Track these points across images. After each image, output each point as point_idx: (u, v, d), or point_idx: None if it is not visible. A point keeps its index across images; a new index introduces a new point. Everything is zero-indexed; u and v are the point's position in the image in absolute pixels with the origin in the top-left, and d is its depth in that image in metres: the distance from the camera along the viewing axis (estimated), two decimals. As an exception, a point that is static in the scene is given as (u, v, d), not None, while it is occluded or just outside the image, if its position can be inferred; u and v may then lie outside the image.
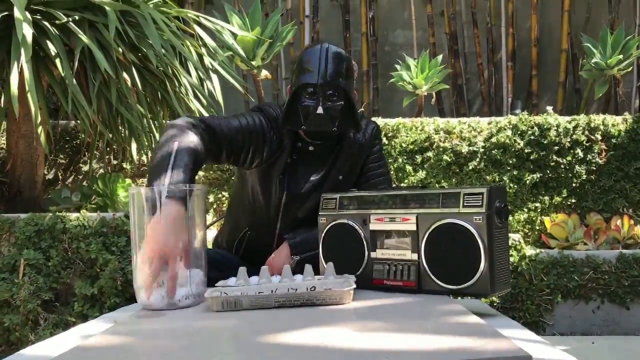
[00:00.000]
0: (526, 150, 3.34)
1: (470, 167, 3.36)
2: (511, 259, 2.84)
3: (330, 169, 1.87)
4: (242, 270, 1.40)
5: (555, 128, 3.35)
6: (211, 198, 3.41)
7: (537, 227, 3.33)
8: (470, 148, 3.37)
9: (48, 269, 2.50)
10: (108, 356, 0.92)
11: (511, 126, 3.38)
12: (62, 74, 2.39)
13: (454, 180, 3.38)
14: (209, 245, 2.20)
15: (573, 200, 3.36)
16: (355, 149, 1.90)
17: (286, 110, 1.75)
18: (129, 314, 1.31)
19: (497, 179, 3.35)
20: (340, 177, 1.88)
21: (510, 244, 2.84)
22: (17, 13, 2.26)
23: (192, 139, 1.54)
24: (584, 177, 3.35)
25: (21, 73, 2.31)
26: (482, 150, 3.37)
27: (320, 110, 1.71)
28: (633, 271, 2.81)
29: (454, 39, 4.70)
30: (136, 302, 1.41)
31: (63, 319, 2.49)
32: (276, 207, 1.83)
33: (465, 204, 1.33)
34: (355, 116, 1.80)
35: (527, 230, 3.34)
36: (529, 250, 2.91)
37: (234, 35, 3.47)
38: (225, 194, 3.42)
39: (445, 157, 3.36)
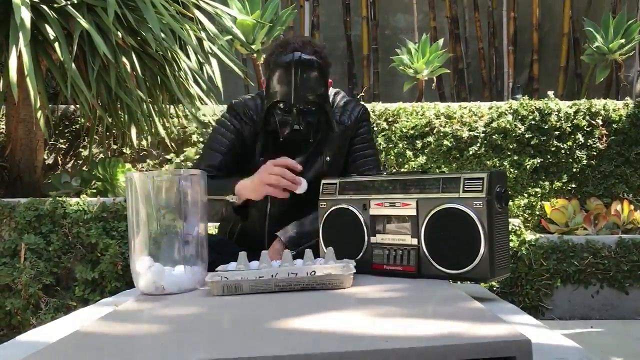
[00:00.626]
0: (527, 135, 3.33)
1: (471, 152, 3.35)
2: (511, 244, 2.85)
3: (315, 153, 1.88)
4: (243, 254, 1.40)
5: (556, 113, 3.34)
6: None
7: (537, 212, 3.34)
8: (471, 133, 3.36)
9: (49, 254, 2.51)
10: (108, 341, 0.92)
11: (512, 111, 3.37)
12: (61, 58, 2.38)
13: (454, 165, 3.37)
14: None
15: (573, 186, 3.36)
16: (340, 131, 1.91)
17: (265, 118, 1.82)
18: (129, 299, 1.32)
19: (497, 164, 3.34)
20: (328, 158, 1.90)
21: (510, 229, 2.84)
22: (15, -4, 2.25)
23: None
24: (585, 162, 3.35)
25: (20, 57, 2.30)
26: (482, 135, 3.36)
27: (296, 126, 1.76)
28: (632, 256, 2.82)
29: (455, 22, 4.67)
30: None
31: (64, 303, 2.51)
32: None
33: (465, 189, 1.32)
34: (329, 122, 1.85)
35: (527, 215, 3.34)
36: (529, 235, 2.91)
37: (234, 19, 3.45)
38: (226, 178, 3.42)
39: (445, 142, 3.36)
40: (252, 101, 1.91)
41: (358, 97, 4.13)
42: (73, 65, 2.42)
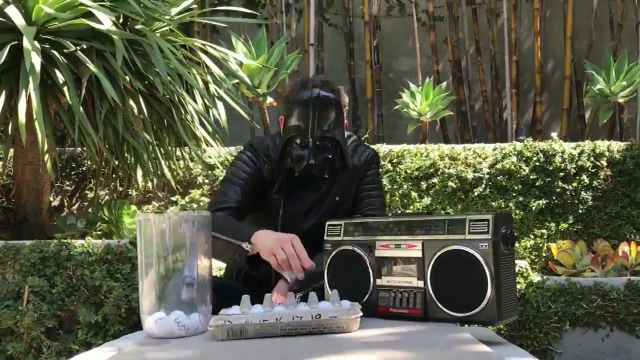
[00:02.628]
0: (531, 177, 3.33)
1: (476, 194, 3.35)
2: (518, 286, 2.81)
3: (327, 192, 1.93)
4: (245, 298, 1.39)
5: (561, 154, 3.35)
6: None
7: (544, 254, 3.31)
8: (476, 174, 3.37)
9: (52, 296, 2.49)
10: (111, 385, 0.91)
11: (516, 152, 3.39)
12: (70, 102, 2.41)
13: (459, 206, 3.37)
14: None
15: (579, 227, 3.34)
16: (350, 172, 1.96)
17: (280, 153, 1.85)
18: (132, 342, 1.30)
19: (502, 205, 3.33)
20: (337, 198, 1.94)
21: (516, 271, 2.82)
22: (26, 43, 2.29)
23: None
24: (590, 203, 3.34)
25: (29, 101, 2.33)
26: (487, 176, 3.36)
27: (312, 161, 1.79)
28: (642, 298, 2.77)
29: (458, 66, 4.74)
30: (140, 329, 1.40)
31: (67, 346, 2.48)
32: (274, 228, 1.84)
33: (471, 231, 1.32)
34: (344, 159, 1.88)
35: (533, 257, 3.31)
36: (536, 277, 2.88)
37: (240, 63, 3.51)
38: (230, 220, 3.41)
39: (450, 183, 3.36)
40: (270, 140, 1.95)
41: (362, 139, 4.16)
42: (81, 108, 2.45)
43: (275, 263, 1.58)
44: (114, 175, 3.45)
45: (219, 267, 2.60)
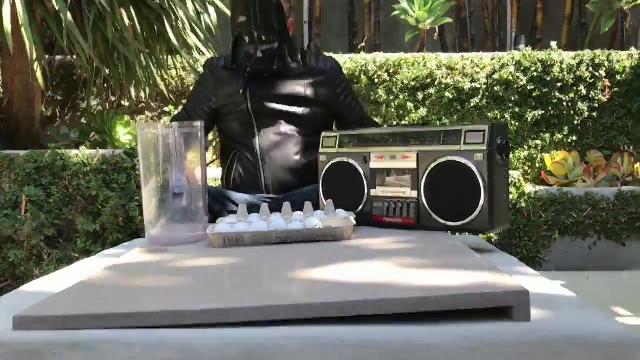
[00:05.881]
0: (529, 87, 3.30)
1: (472, 104, 3.32)
2: (510, 196, 2.86)
3: (294, 86, 1.95)
4: (242, 207, 1.41)
5: (559, 64, 3.30)
6: (210, 136, 3.39)
7: (538, 165, 3.33)
8: (473, 84, 3.33)
9: (49, 206, 2.52)
10: (111, 292, 0.93)
11: (514, 62, 3.33)
12: (56, 8, 2.33)
13: (455, 117, 3.35)
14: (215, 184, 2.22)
15: (574, 138, 3.35)
16: (316, 71, 1.97)
17: (232, 54, 1.92)
18: (131, 250, 1.33)
19: (499, 116, 3.32)
20: (308, 92, 1.96)
21: (510, 181, 2.85)
22: (6, -58, 2.18)
23: None
24: (586, 114, 3.32)
25: (13, 6, 2.25)
26: (484, 86, 3.33)
27: (259, 54, 1.84)
28: (631, 208, 2.83)
29: (458, -30, 4.56)
30: (138, 237, 1.42)
31: (67, 254, 2.53)
32: (249, 121, 1.92)
33: (466, 141, 1.31)
34: (292, 51, 1.94)
35: (527, 168, 3.34)
36: (529, 188, 2.92)
37: (232, -34, 3.36)
38: (225, 130, 3.40)
39: (447, 93, 3.32)
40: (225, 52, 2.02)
41: (359, 47, 4.07)
42: (69, 14, 2.37)
43: None
44: (105, 85, 3.39)
45: (214, 177, 2.62)
